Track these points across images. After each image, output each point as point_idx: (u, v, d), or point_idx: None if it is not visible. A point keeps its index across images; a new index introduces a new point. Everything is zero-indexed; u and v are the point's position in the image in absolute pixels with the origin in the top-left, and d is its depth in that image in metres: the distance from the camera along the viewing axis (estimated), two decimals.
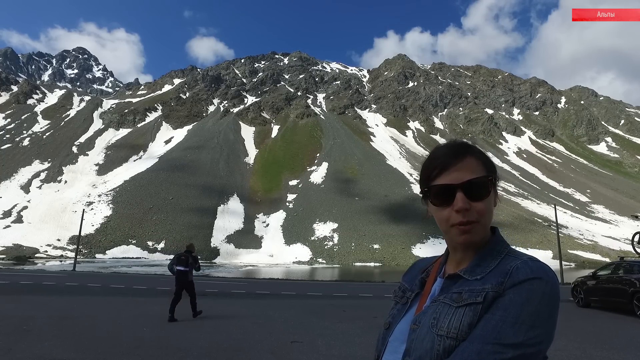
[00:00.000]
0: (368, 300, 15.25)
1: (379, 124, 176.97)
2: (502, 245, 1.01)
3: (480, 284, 0.92)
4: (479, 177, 0.98)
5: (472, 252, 1.01)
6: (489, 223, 1.00)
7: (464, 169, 0.99)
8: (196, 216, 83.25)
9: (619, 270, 11.89)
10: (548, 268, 0.91)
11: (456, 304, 0.91)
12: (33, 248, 65.30)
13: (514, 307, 0.84)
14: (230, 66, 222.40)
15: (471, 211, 0.96)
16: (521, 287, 0.86)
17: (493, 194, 1.01)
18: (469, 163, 1.00)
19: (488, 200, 0.98)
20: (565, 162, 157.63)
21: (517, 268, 0.90)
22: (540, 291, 0.85)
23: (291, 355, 6.17)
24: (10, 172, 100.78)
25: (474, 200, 0.97)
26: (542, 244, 72.37)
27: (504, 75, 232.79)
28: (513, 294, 0.86)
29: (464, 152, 1.02)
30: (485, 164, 1.02)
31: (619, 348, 6.88)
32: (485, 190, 0.98)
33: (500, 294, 0.87)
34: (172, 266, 10.03)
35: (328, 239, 77.79)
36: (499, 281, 0.89)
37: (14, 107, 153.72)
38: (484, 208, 0.97)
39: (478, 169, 1.00)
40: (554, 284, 0.88)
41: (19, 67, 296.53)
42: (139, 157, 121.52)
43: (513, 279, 0.88)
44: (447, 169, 1.00)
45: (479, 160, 1.02)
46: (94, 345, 6.59)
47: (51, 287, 17.80)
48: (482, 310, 0.87)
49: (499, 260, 0.96)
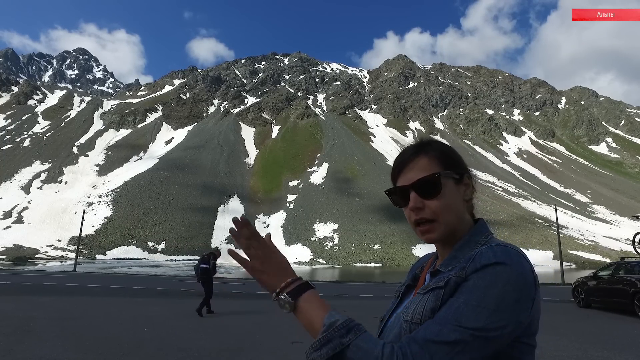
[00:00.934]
0: (369, 300, 15.23)
1: (379, 124, 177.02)
2: (480, 236, 1.00)
3: (449, 273, 0.93)
4: (427, 175, 0.98)
5: (452, 244, 1.01)
6: (454, 219, 0.99)
7: (415, 168, 1.01)
8: (196, 217, 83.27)
9: (620, 271, 11.88)
10: (514, 253, 0.89)
11: (423, 291, 0.94)
12: (33, 249, 65.31)
13: (477, 291, 0.83)
14: (231, 67, 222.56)
15: (425, 210, 0.98)
16: (484, 271, 0.85)
17: (453, 187, 1.00)
18: (421, 162, 1.01)
19: (442, 197, 0.98)
20: (565, 163, 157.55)
21: (480, 253, 0.89)
22: (506, 276, 0.84)
23: (292, 356, 6.17)
24: (11, 173, 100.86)
25: (427, 198, 0.98)
26: (543, 245, 72.31)
27: (504, 76, 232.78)
28: (477, 278, 0.85)
29: (417, 152, 1.03)
30: (442, 160, 1.02)
31: (620, 349, 6.87)
32: (435, 188, 0.98)
33: (464, 278, 0.87)
34: (197, 266, 11.12)
35: (328, 240, 77.78)
36: (461, 266, 0.90)
37: (15, 107, 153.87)
38: (437, 205, 0.96)
39: (430, 167, 1.00)
40: (522, 269, 0.86)
41: (20, 67, 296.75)
42: (139, 157, 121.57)
43: (475, 264, 0.87)
44: (402, 170, 1.04)
45: (432, 158, 1.02)
46: (95, 346, 6.59)
47: (52, 287, 17.79)
48: (444, 295, 0.88)
49: (476, 250, 0.95)
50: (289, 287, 0.92)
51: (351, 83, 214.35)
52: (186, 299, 14.57)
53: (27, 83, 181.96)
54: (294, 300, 0.89)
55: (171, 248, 72.68)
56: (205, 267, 10.87)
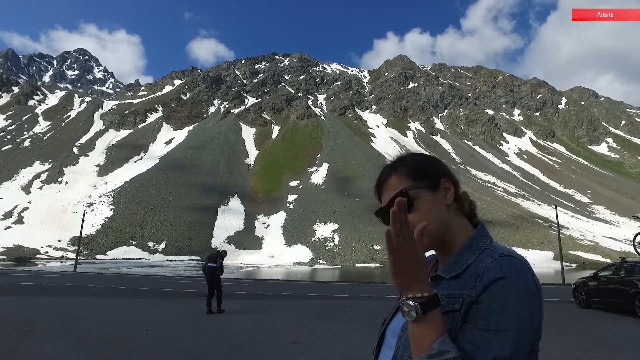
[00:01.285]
0: (369, 301, 15.23)
1: (380, 124, 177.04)
2: (481, 241, 1.00)
3: (457, 287, 0.93)
4: (395, 193, 1.01)
5: (451, 250, 1.02)
6: (435, 228, 0.99)
7: (389, 188, 1.04)
8: (197, 217, 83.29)
9: (621, 271, 11.86)
10: (519, 263, 0.90)
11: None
12: (34, 249, 65.34)
13: (494, 315, 0.84)
14: (231, 67, 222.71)
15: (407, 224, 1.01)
16: (494, 290, 0.86)
17: (429, 196, 1.01)
18: (391, 182, 1.05)
19: (416, 209, 0.99)
20: (565, 163, 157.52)
21: (487, 269, 0.90)
22: (515, 291, 0.85)
23: (293, 356, 6.16)
24: (11, 173, 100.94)
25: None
26: (543, 245, 72.25)
27: (505, 76, 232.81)
28: (489, 300, 0.86)
29: (388, 172, 1.07)
30: (412, 174, 1.03)
31: (621, 349, 6.86)
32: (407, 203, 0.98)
33: (475, 299, 0.88)
34: (205, 265, 11.45)
35: (329, 240, 77.76)
36: (472, 285, 0.90)
37: (15, 108, 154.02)
38: (414, 220, 0.95)
39: (399, 184, 1.03)
40: (528, 280, 0.88)
41: (20, 68, 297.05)
42: (139, 158, 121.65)
43: (484, 281, 0.88)
44: (381, 193, 1.08)
45: (401, 175, 1.04)
46: (96, 346, 6.59)
47: (52, 288, 17.81)
48: (459, 317, 0.88)
49: (477, 255, 0.96)
50: (424, 297, 0.85)
51: (351, 83, 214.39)
52: (187, 299, 14.57)
53: (27, 83, 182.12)
54: (423, 314, 0.84)
55: (171, 248, 72.70)
56: (212, 266, 11.25)
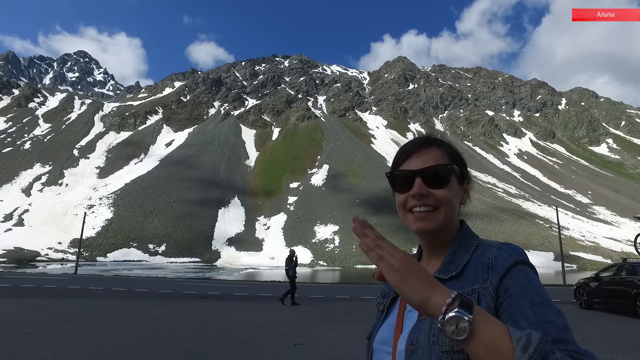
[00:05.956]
0: (370, 302, 15.21)
1: (380, 126, 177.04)
2: (471, 238, 0.99)
3: (465, 284, 0.90)
4: (439, 164, 0.98)
5: (440, 248, 1.00)
6: (451, 215, 0.97)
7: (426, 156, 1.00)
8: (197, 219, 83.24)
9: (622, 272, 11.86)
10: (519, 247, 0.92)
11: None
12: (34, 251, 65.27)
13: (527, 290, 0.82)
14: (231, 69, 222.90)
15: (429, 197, 0.95)
16: (514, 274, 0.85)
17: (457, 186, 1.00)
18: (432, 152, 1.01)
19: (449, 189, 0.97)
20: (566, 164, 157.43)
21: (495, 258, 0.89)
22: (529, 271, 0.86)
23: (295, 358, 6.16)
24: (12, 176, 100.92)
25: (433, 187, 0.96)
26: (544, 246, 72.15)
27: (505, 77, 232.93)
28: (515, 281, 0.84)
29: (429, 143, 1.03)
30: (451, 156, 1.02)
31: (622, 350, 6.86)
32: (444, 178, 0.97)
33: (497, 287, 0.84)
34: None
35: (329, 242, 77.67)
36: (483, 277, 0.87)
37: (16, 110, 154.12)
38: (443, 195, 0.95)
39: (441, 158, 1.00)
40: (529, 260, 0.90)
41: (21, 70, 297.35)
42: (140, 160, 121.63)
43: (497, 270, 0.86)
44: (409, 157, 1.02)
45: (444, 151, 1.02)
46: (97, 349, 6.60)
47: (53, 290, 17.80)
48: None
49: (471, 253, 0.94)
50: (456, 301, 0.67)
51: (351, 85, 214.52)
52: (188, 301, 14.56)
53: (27, 86, 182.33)
54: (472, 318, 0.65)
55: (172, 250, 72.61)
56: (285, 268, 14.10)
